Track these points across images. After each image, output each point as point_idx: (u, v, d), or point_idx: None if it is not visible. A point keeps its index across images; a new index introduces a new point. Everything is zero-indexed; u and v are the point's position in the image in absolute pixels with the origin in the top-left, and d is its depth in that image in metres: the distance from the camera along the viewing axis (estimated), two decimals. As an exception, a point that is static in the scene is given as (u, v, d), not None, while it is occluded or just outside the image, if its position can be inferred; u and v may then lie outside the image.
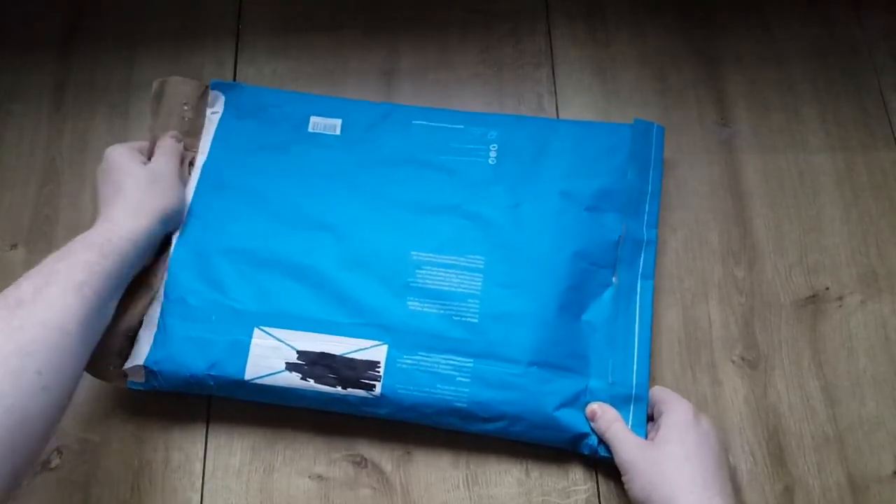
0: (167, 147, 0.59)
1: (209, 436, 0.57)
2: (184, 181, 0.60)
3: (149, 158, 0.59)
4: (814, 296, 0.61)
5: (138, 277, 0.56)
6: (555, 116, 0.66)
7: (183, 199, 0.58)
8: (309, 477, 0.56)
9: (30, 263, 0.61)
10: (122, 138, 0.65)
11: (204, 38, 0.70)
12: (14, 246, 0.62)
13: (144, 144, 0.60)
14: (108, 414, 0.57)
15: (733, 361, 0.59)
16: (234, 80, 0.68)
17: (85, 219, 0.63)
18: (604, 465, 0.55)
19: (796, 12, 0.70)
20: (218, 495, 0.55)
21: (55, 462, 0.56)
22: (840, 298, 0.61)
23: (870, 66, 0.68)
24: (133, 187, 0.54)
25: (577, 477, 0.55)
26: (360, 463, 0.56)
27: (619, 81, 0.68)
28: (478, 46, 0.69)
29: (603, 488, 0.55)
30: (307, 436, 0.56)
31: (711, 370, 0.58)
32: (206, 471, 0.56)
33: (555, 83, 0.68)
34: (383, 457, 0.56)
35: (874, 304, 0.61)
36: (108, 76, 0.68)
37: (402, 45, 0.69)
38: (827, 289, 0.61)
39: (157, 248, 0.57)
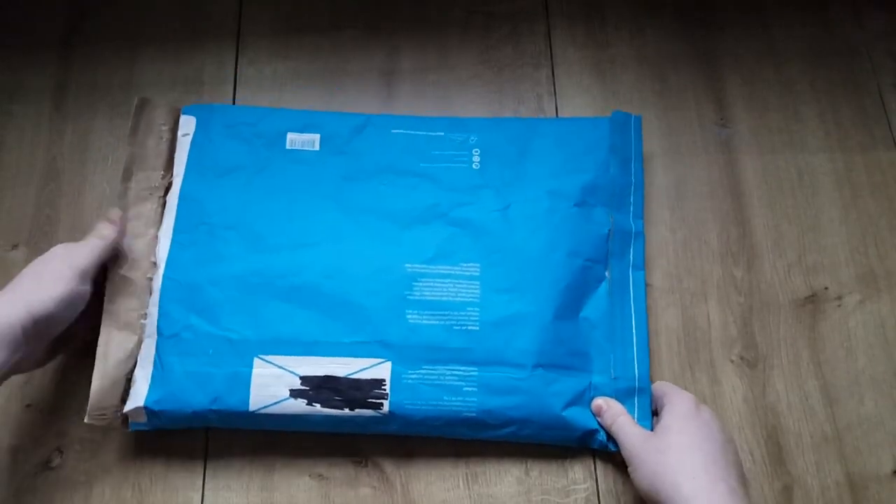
0: (92, 239, 0.53)
1: (210, 434, 0.57)
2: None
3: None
4: (812, 296, 0.61)
5: (119, 319, 0.54)
6: (554, 117, 0.66)
7: (69, 294, 0.50)
8: (309, 476, 0.56)
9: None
10: (122, 138, 0.65)
11: (204, 38, 0.70)
12: (15, 246, 0.62)
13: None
14: (109, 413, 0.57)
15: (732, 361, 0.59)
16: (235, 80, 0.68)
17: (85, 219, 0.63)
18: (603, 464, 0.56)
19: (795, 13, 0.70)
20: (218, 494, 0.55)
21: (56, 461, 0.56)
22: (839, 298, 0.61)
23: (868, 66, 0.69)
24: (20, 277, 0.50)
25: (577, 476, 0.56)
26: (361, 462, 0.56)
27: (618, 82, 0.68)
28: (478, 47, 0.69)
29: (602, 487, 0.55)
30: (307, 435, 0.56)
31: (710, 370, 0.59)
32: (206, 470, 0.56)
33: (554, 84, 0.68)
34: (384, 456, 0.56)
35: (873, 304, 0.61)
36: (109, 76, 0.68)
37: (403, 46, 0.69)
38: (826, 289, 0.61)
39: (36, 344, 0.51)
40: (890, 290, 0.61)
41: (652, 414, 0.55)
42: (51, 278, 0.50)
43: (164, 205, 0.60)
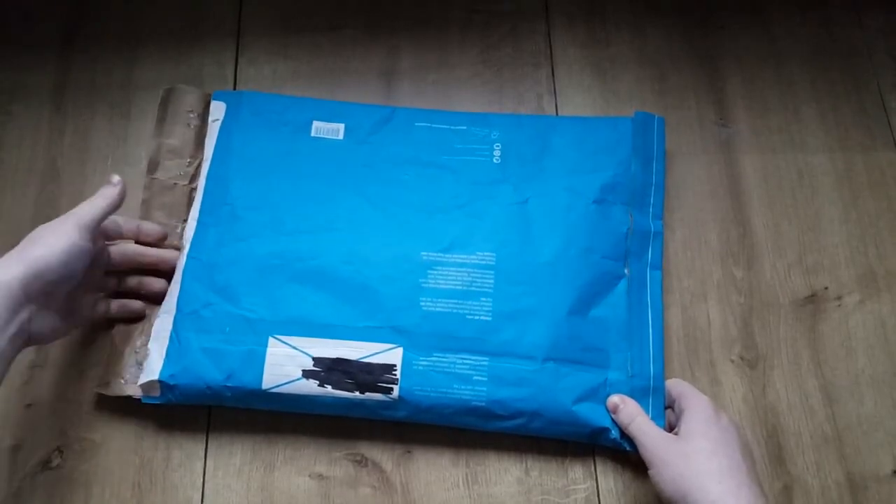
0: (95, 198, 0.53)
1: (210, 434, 0.57)
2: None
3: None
4: (812, 295, 0.61)
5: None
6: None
7: (70, 247, 0.49)
8: (309, 476, 0.56)
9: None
10: (122, 138, 0.66)
11: (204, 38, 0.70)
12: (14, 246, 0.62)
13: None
14: (109, 412, 0.57)
15: (732, 361, 0.59)
16: (235, 79, 0.68)
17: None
18: (603, 464, 0.56)
19: (796, 13, 0.71)
20: (219, 494, 0.55)
21: (56, 461, 0.56)
22: (839, 298, 0.61)
23: (869, 66, 0.69)
24: (23, 240, 0.50)
25: (577, 475, 0.56)
26: (361, 462, 0.56)
27: (618, 82, 0.68)
28: (478, 47, 0.69)
29: (602, 486, 0.55)
30: (307, 435, 0.57)
31: (710, 370, 0.59)
32: (206, 469, 0.56)
33: (554, 83, 0.68)
34: (383, 456, 0.56)
35: (873, 304, 0.61)
36: (109, 76, 0.68)
37: (402, 45, 0.69)
38: (826, 288, 0.61)
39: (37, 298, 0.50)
40: (890, 290, 0.61)
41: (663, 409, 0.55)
42: (51, 233, 0.50)
43: (190, 193, 0.62)
